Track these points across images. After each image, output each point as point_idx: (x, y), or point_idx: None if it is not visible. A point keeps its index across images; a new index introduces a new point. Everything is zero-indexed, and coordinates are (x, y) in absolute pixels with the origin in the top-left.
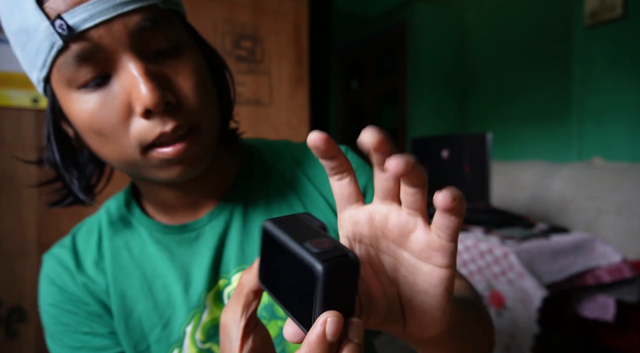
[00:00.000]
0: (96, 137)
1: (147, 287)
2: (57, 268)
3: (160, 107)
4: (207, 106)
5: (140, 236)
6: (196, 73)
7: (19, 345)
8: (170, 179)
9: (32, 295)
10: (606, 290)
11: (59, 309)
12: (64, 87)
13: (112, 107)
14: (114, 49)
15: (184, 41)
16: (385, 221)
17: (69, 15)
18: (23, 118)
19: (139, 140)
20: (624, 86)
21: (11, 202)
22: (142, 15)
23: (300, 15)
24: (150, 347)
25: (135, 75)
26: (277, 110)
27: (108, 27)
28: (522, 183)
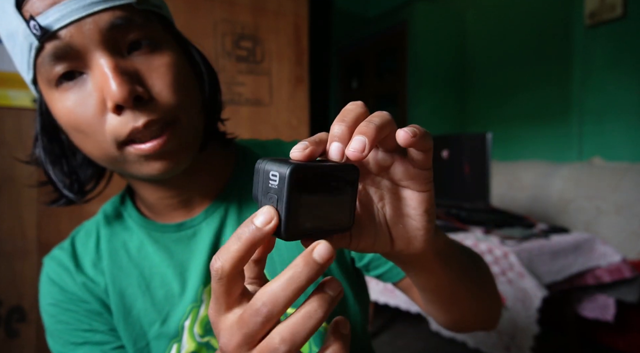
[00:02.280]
0: (77, 134)
1: (145, 285)
2: (57, 269)
3: (129, 102)
4: (185, 102)
5: (137, 236)
6: (172, 69)
7: (19, 345)
8: (151, 175)
9: (32, 295)
10: (606, 290)
11: (60, 308)
12: (46, 86)
13: (87, 104)
14: (86, 46)
15: (160, 39)
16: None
17: (43, 17)
18: (23, 118)
19: (114, 135)
20: (624, 86)
21: (11, 202)
22: (114, 14)
23: (300, 15)
24: (150, 343)
25: (105, 72)
26: (277, 110)
27: (79, 26)
28: (522, 183)
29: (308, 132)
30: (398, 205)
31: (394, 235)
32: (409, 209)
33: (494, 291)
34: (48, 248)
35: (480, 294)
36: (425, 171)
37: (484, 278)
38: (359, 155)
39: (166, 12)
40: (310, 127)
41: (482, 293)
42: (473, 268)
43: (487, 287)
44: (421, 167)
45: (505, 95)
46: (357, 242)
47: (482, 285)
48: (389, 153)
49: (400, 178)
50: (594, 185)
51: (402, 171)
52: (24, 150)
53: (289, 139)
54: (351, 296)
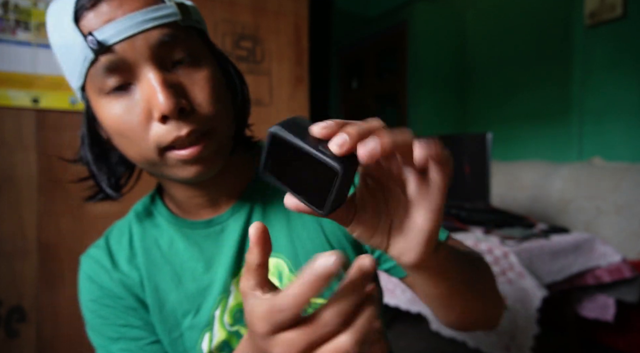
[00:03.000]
0: (122, 139)
1: (177, 278)
2: (95, 266)
3: (174, 113)
4: (220, 113)
5: (167, 233)
6: (210, 83)
7: (19, 345)
8: (187, 178)
9: (32, 295)
10: (606, 290)
11: (99, 304)
12: (96, 94)
13: (134, 113)
14: (136, 61)
15: (200, 54)
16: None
17: (99, 32)
18: (23, 118)
19: (157, 142)
20: (624, 86)
21: (11, 202)
22: (162, 31)
23: (300, 16)
24: (184, 333)
25: (153, 85)
26: (277, 110)
27: (131, 42)
28: (522, 183)
29: None
30: (404, 216)
31: (391, 240)
32: (414, 223)
33: (495, 291)
34: (48, 248)
35: (482, 296)
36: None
37: (485, 281)
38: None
39: (204, 26)
40: None
41: (483, 296)
42: (474, 275)
43: (488, 289)
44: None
45: (505, 95)
46: (356, 226)
47: (483, 287)
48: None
49: (414, 192)
50: (594, 185)
51: (417, 187)
52: (24, 150)
53: None
54: None
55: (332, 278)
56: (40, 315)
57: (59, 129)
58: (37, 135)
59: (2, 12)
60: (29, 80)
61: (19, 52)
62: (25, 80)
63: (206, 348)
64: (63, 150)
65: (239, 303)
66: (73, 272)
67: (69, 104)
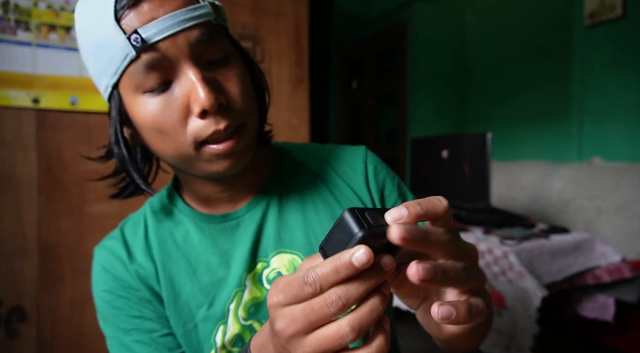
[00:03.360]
0: (157, 135)
1: (192, 271)
2: (110, 257)
3: (214, 108)
4: (250, 107)
5: (183, 226)
6: (242, 79)
7: (19, 345)
8: (218, 172)
9: (32, 295)
10: (606, 290)
11: (113, 295)
12: (132, 91)
13: (173, 108)
14: (177, 58)
15: (230, 52)
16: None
17: (142, 31)
18: (23, 118)
19: (195, 137)
20: (624, 86)
21: (11, 202)
22: (200, 29)
23: (300, 16)
24: (198, 325)
25: (194, 81)
26: (277, 110)
27: (173, 39)
28: (522, 183)
29: (308, 132)
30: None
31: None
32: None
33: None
34: (48, 248)
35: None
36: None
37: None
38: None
39: (228, 25)
40: (310, 127)
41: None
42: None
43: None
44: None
45: (505, 95)
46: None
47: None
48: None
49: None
50: (594, 185)
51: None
52: (24, 150)
53: (288, 139)
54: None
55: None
56: (40, 315)
57: (59, 129)
58: (37, 135)
59: (2, 12)
60: (29, 80)
61: (19, 52)
62: (25, 80)
63: (220, 340)
64: (63, 150)
65: (253, 298)
66: (73, 272)
67: (69, 104)
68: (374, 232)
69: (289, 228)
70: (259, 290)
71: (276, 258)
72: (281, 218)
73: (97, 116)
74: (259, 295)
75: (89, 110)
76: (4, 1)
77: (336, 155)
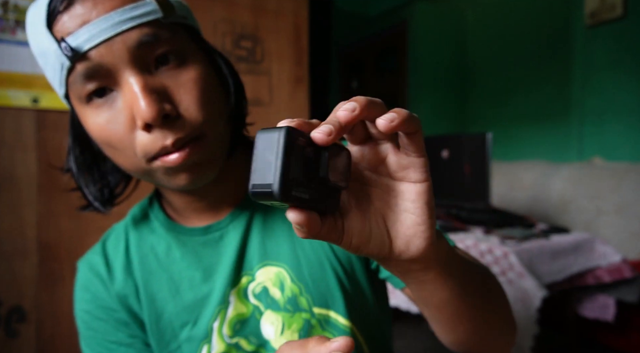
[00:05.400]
0: (109, 149)
1: (175, 288)
2: (90, 275)
3: (158, 121)
4: (211, 116)
5: (164, 240)
6: (199, 84)
7: (19, 345)
8: (179, 186)
9: (32, 295)
10: (606, 290)
11: (91, 316)
12: (78, 103)
13: (118, 121)
14: (115, 65)
15: (187, 52)
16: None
17: (73, 37)
18: (23, 118)
19: (144, 152)
20: (624, 86)
21: (11, 202)
22: (141, 31)
23: (300, 15)
24: (182, 346)
25: (134, 91)
26: (277, 110)
27: (108, 45)
28: (522, 183)
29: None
30: (396, 201)
31: (393, 234)
32: (407, 203)
33: (507, 314)
34: (48, 248)
35: (490, 314)
36: (418, 159)
37: (494, 298)
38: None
39: (192, 22)
40: None
41: (492, 314)
42: (482, 284)
43: (497, 308)
44: (413, 153)
45: (505, 95)
46: (349, 238)
47: (492, 305)
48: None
49: (395, 169)
50: (594, 185)
51: (396, 161)
52: (23, 150)
53: None
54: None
55: None
56: (40, 315)
57: (59, 129)
58: (37, 135)
59: (2, 12)
60: (28, 80)
61: (19, 52)
62: (25, 80)
63: None
64: (63, 150)
65: (238, 314)
66: (73, 272)
67: None
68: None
69: (275, 239)
70: (245, 306)
71: (261, 271)
72: (266, 229)
73: None
74: (245, 311)
75: None
76: (3, 1)
77: None
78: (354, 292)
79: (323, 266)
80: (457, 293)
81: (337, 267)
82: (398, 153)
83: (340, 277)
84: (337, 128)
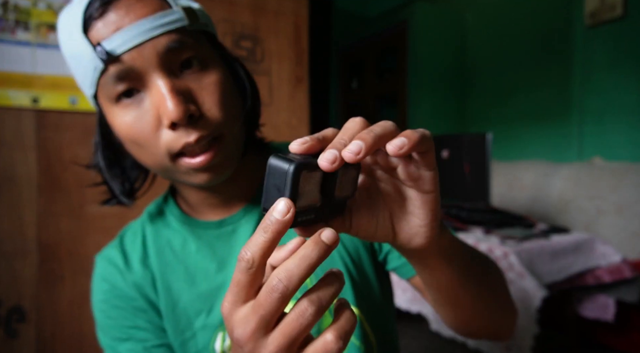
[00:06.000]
0: (134, 146)
1: (190, 279)
2: (109, 266)
3: (184, 120)
4: (229, 118)
5: (180, 234)
6: (219, 87)
7: (19, 345)
8: (199, 184)
9: (32, 295)
10: (606, 290)
11: (109, 304)
12: (107, 102)
13: (145, 120)
14: (145, 69)
15: (209, 58)
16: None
17: (107, 42)
18: (23, 118)
19: (167, 149)
20: (624, 86)
21: (11, 202)
22: (169, 37)
23: (300, 15)
24: (197, 333)
25: (162, 92)
26: (277, 110)
27: (140, 50)
28: (522, 183)
29: (308, 132)
30: (402, 203)
31: (397, 229)
32: (413, 208)
33: (507, 299)
34: (48, 248)
35: (490, 299)
36: (428, 172)
37: (495, 283)
38: (353, 157)
39: (212, 29)
40: (310, 127)
41: (492, 298)
42: (482, 270)
43: (498, 293)
44: (423, 167)
45: (505, 95)
46: (357, 228)
47: (492, 289)
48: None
49: (405, 179)
50: (594, 185)
51: (406, 173)
52: (24, 150)
53: (288, 139)
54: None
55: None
56: (40, 315)
57: (59, 129)
58: (37, 135)
59: (2, 12)
60: (28, 80)
61: (19, 52)
62: (25, 80)
63: (219, 347)
64: (63, 150)
65: None
66: (73, 272)
67: (69, 104)
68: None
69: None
70: None
71: None
72: None
73: None
74: None
75: (88, 110)
76: (3, 1)
77: None
78: (361, 282)
79: (332, 256)
80: (457, 278)
81: (346, 257)
82: (409, 164)
83: (349, 266)
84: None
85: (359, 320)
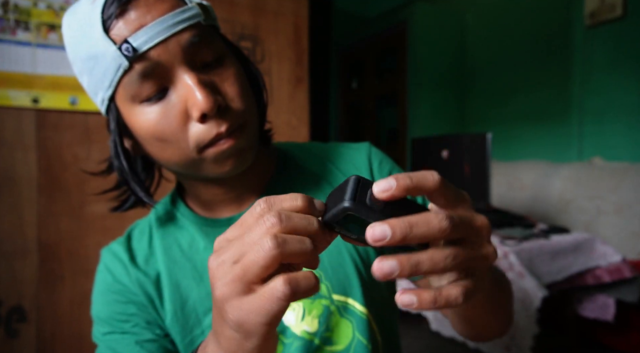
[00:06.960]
0: (158, 144)
1: (198, 277)
2: (114, 259)
3: (214, 111)
4: (249, 107)
5: (188, 232)
6: (238, 78)
7: (19, 345)
8: (224, 173)
9: (32, 295)
10: (606, 290)
11: (109, 296)
12: (128, 102)
13: (172, 115)
14: (171, 64)
15: (224, 52)
16: None
17: (132, 39)
18: (23, 118)
19: (197, 142)
20: (624, 86)
21: (11, 202)
22: (191, 32)
23: (300, 16)
24: (205, 331)
25: (190, 85)
26: (277, 110)
27: (165, 45)
28: (522, 183)
29: (308, 132)
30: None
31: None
32: None
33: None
34: (48, 248)
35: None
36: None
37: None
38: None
39: (218, 25)
40: (310, 127)
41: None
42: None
43: (509, 304)
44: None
45: (505, 95)
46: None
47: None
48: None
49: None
50: (594, 185)
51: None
52: (24, 150)
53: (288, 139)
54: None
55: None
56: (40, 315)
57: (59, 128)
58: (37, 135)
59: (2, 12)
60: (28, 80)
61: (19, 52)
62: (25, 80)
63: None
64: (63, 150)
65: None
66: (73, 272)
67: (69, 104)
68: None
69: None
70: None
71: None
72: None
73: (97, 116)
74: None
75: (88, 110)
76: (3, 1)
77: (339, 154)
78: (370, 281)
79: (342, 254)
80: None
81: (355, 256)
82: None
83: (358, 265)
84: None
85: (367, 319)
